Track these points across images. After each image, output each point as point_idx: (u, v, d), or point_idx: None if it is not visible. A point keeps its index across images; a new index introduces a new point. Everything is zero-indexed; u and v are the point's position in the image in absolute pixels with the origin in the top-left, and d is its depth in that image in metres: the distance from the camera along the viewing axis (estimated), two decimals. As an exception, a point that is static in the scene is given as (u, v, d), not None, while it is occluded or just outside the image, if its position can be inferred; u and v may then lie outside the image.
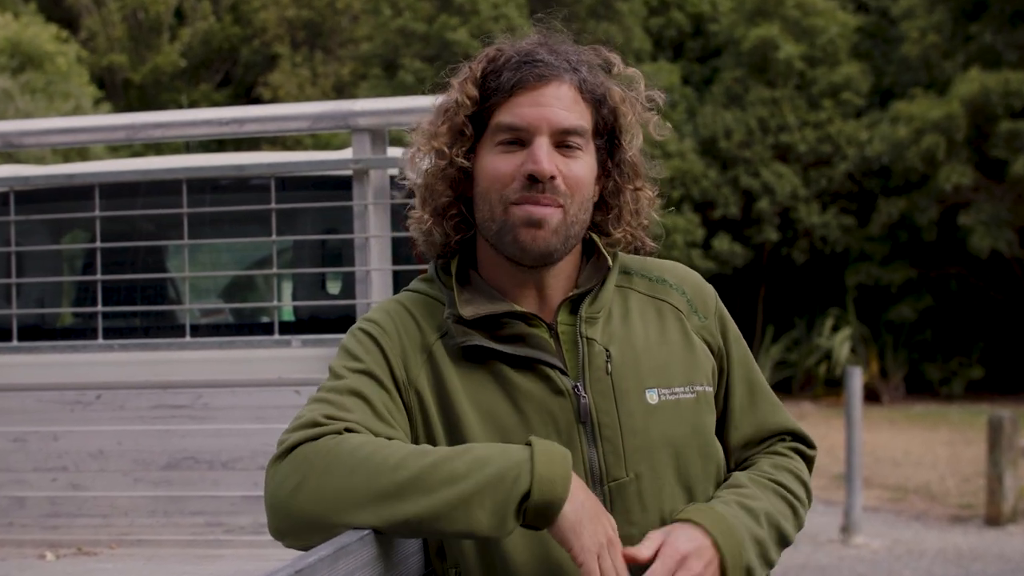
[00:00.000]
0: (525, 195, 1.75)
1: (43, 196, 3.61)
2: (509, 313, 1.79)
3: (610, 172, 1.86)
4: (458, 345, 1.77)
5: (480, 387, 1.76)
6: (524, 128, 1.76)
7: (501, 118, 1.78)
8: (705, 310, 1.91)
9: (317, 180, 3.56)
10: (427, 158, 1.85)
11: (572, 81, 1.79)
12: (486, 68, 1.82)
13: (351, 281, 3.31)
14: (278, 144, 21.98)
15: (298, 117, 3.26)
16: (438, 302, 1.84)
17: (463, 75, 1.84)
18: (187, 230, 3.30)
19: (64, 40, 22.62)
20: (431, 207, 1.85)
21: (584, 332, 1.80)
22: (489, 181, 1.78)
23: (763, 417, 1.93)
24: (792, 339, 22.56)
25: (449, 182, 1.83)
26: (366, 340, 1.80)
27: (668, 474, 1.78)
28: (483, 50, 1.87)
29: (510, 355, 1.76)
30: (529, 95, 1.77)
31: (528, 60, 1.78)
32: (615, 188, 1.87)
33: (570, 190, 1.77)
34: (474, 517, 1.56)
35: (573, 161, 1.78)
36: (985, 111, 20.38)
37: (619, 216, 1.87)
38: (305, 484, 1.60)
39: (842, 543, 9.53)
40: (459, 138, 1.81)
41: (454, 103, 1.83)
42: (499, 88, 1.78)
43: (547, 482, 1.56)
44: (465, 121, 1.81)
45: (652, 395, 1.79)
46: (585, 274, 1.86)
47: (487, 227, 1.80)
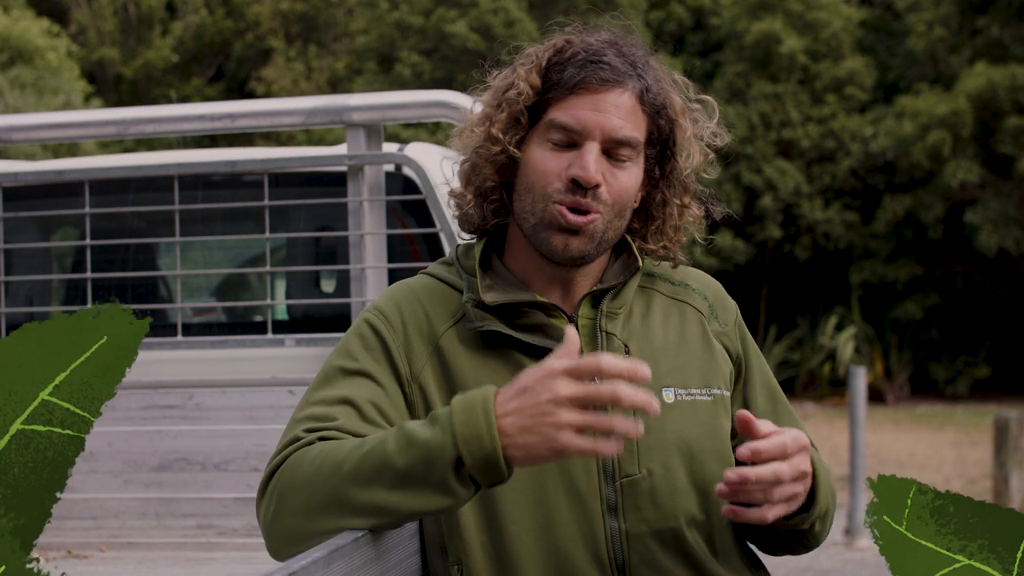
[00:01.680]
0: (567, 197, 1.76)
1: (32, 193, 3.61)
2: (530, 303, 1.80)
3: (658, 183, 1.87)
4: (476, 329, 1.78)
5: (493, 375, 1.76)
6: (578, 131, 1.77)
7: (557, 115, 1.78)
8: (726, 317, 1.94)
9: (311, 176, 3.56)
10: (478, 137, 1.85)
11: (635, 89, 1.80)
12: (552, 59, 1.82)
13: (346, 279, 3.31)
14: (272, 140, 21.96)
15: (292, 112, 3.26)
16: (452, 288, 1.85)
17: (529, 62, 1.84)
18: (179, 227, 3.30)
19: (55, 34, 22.61)
20: (475, 187, 1.86)
21: (604, 326, 1.82)
22: (535, 175, 1.79)
23: (786, 426, 1.92)
24: (795, 338, 22.57)
25: (497, 167, 1.84)
26: (369, 334, 1.81)
27: (681, 473, 1.79)
28: (552, 38, 1.86)
29: (528, 344, 1.78)
30: (589, 98, 1.77)
31: (595, 60, 1.79)
32: (662, 200, 1.88)
33: (612, 199, 1.78)
34: (418, 497, 1.54)
35: (621, 171, 1.79)
36: (992, 106, 20.38)
37: (661, 229, 1.89)
38: (281, 506, 1.63)
39: (846, 546, 9.53)
40: (515, 125, 1.82)
41: (514, 89, 1.82)
42: (561, 83, 1.79)
43: (473, 440, 1.51)
44: (523, 110, 1.81)
45: (668, 394, 1.80)
46: (612, 271, 1.88)
47: (525, 219, 1.81)
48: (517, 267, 1.86)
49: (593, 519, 1.74)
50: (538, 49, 1.85)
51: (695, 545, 1.79)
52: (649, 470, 1.76)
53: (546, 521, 1.73)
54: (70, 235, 4.38)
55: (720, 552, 1.82)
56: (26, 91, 19.57)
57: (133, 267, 3.83)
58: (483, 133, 1.84)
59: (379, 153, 3.16)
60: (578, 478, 1.74)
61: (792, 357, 22.42)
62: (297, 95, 23.85)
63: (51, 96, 19.78)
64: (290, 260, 3.95)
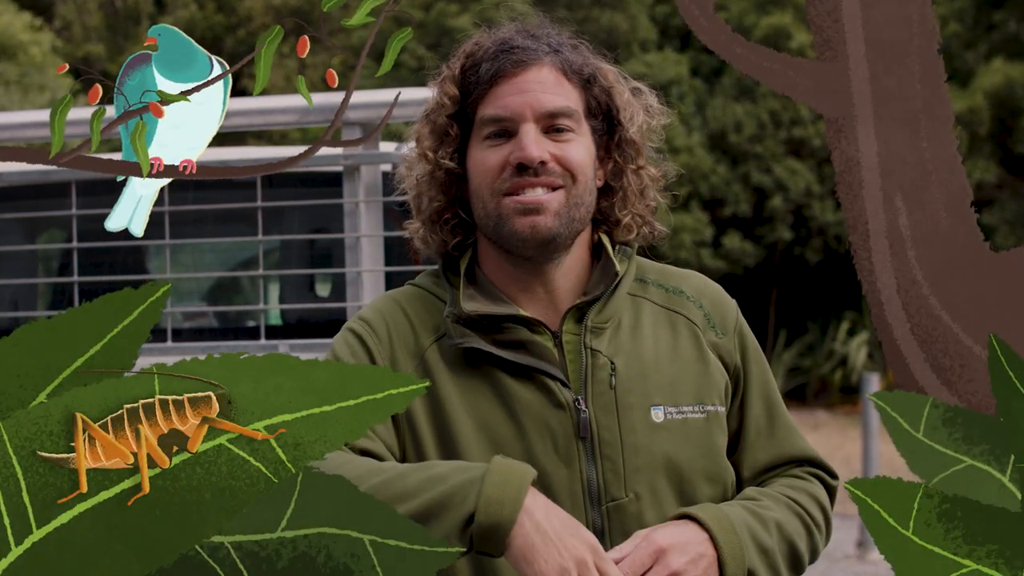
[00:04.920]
0: (517, 181, 1.76)
1: (17, 194, 3.62)
2: (512, 317, 1.78)
3: (611, 154, 1.87)
4: (456, 347, 1.77)
5: (476, 395, 1.76)
6: (508, 118, 1.77)
7: (484, 111, 1.79)
8: (723, 326, 1.89)
9: (305, 177, 3.57)
10: (417, 165, 1.87)
11: (554, 63, 1.80)
12: (465, 64, 1.83)
13: (341, 283, 3.32)
14: (264, 139, 21.96)
15: (285, 110, 3.27)
16: (439, 300, 1.84)
17: (442, 75, 1.86)
18: (168, 229, 3.31)
19: (38, 28, 22.64)
20: (425, 215, 1.86)
21: (588, 343, 1.79)
22: (479, 175, 1.79)
23: (781, 442, 1.90)
24: (806, 344, 22.57)
25: (439, 186, 1.84)
26: (355, 343, 1.81)
27: (670, 497, 1.76)
28: (461, 46, 1.88)
29: (509, 362, 1.76)
30: (510, 83, 1.78)
31: (505, 48, 1.80)
32: (616, 169, 1.87)
33: (568, 171, 1.77)
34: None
35: (567, 144, 1.78)
36: (1009, 104, 20.41)
37: (624, 199, 1.87)
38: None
39: (858, 559, 9.54)
40: (444, 139, 1.83)
41: (435, 104, 1.84)
42: (479, 81, 1.80)
43: (494, 503, 1.54)
44: (448, 121, 1.82)
45: (658, 412, 1.78)
46: (594, 279, 1.85)
47: (485, 224, 1.81)
48: (496, 281, 1.84)
49: None
50: (450, 60, 1.87)
51: None
52: (636, 493, 1.74)
53: None
54: (56, 237, 4.40)
55: None
56: (10, 88, 19.59)
57: (121, 270, 3.84)
58: (417, 157, 1.85)
59: (376, 152, 3.17)
60: (563, 503, 1.70)
61: (803, 363, 22.43)
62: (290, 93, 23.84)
63: (36, 93, 19.80)
64: (284, 263, 3.97)
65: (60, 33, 26.98)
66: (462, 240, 1.87)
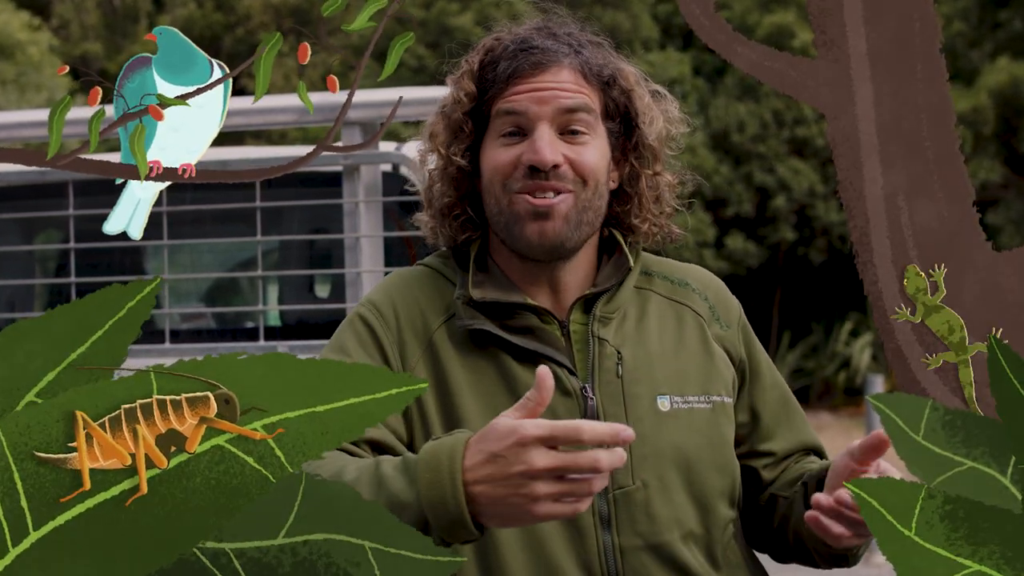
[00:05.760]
0: (528, 183, 1.76)
1: (14, 194, 3.63)
2: (521, 305, 1.80)
3: (627, 157, 1.87)
4: (464, 328, 1.78)
5: (483, 378, 1.77)
6: (523, 114, 1.78)
7: (499, 108, 1.80)
8: (728, 319, 1.91)
9: (305, 176, 3.58)
10: (431, 158, 1.88)
11: (573, 64, 1.80)
12: (483, 60, 1.84)
13: (341, 283, 3.32)
14: (262, 138, 21.97)
15: (285, 110, 3.27)
16: (449, 281, 1.85)
17: (460, 70, 1.86)
18: (167, 229, 3.32)
19: (36, 27, 22.65)
20: (435, 208, 1.87)
21: (596, 331, 1.80)
22: (492, 172, 1.80)
23: (799, 431, 1.93)
24: (809, 345, 22.57)
25: (451, 182, 1.85)
26: (362, 329, 1.81)
27: (677, 485, 1.77)
28: (481, 41, 1.88)
29: (517, 347, 1.77)
30: (527, 82, 1.78)
31: (524, 47, 1.80)
32: (632, 174, 1.87)
33: (580, 176, 1.78)
34: None
35: (581, 147, 1.78)
36: (1014, 103, 20.40)
37: (640, 204, 1.88)
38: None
39: (862, 562, 9.53)
40: (458, 135, 1.83)
41: (451, 100, 1.85)
42: (496, 79, 1.80)
43: (439, 505, 1.47)
44: (463, 118, 1.82)
45: (664, 402, 1.79)
46: (604, 273, 1.86)
47: (496, 221, 1.82)
48: (505, 270, 1.85)
49: (585, 532, 1.73)
50: (469, 56, 1.87)
51: (693, 560, 1.77)
52: (644, 481, 1.75)
53: (537, 534, 1.72)
54: (54, 237, 4.40)
55: (723, 567, 1.81)
56: (7, 88, 19.61)
57: (119, 271, 3.85)
58: (431, 151, 1.87)
59: (376, 152, 3.18)
60: None
61: (806, 365, 22.42)
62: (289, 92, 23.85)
63: (33, 93, 19.82)
64: (283, 263, 3.97)
65: (58, 32, 26.99)
66: (470, 235, 1.88)
